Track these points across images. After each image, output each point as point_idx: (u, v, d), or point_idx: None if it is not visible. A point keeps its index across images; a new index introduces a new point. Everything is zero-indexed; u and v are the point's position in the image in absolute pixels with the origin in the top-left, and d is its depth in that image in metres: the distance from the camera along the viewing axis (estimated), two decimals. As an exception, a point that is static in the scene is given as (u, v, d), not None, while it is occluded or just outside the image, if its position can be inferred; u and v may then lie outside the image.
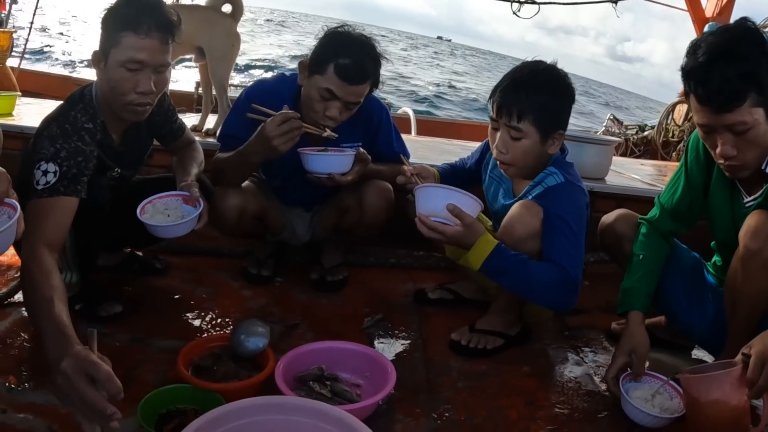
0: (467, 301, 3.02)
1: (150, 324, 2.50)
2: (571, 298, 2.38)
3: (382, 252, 3.55)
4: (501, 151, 2.43)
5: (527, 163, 2.45)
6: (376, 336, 2.63)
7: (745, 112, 1.95)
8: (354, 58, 2.55)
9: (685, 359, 2.76)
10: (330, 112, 2.61)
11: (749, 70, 1.93)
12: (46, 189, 2.08)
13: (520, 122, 2.36)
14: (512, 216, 2.40)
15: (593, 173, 3.93)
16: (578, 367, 2.58)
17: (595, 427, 2.16)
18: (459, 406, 2.18)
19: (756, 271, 2.12)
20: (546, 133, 2.40)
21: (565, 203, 2.39)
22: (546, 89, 2.38)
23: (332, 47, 2.60)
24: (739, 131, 2.00)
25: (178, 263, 3.13)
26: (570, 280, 2.32)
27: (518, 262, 2.30)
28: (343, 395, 2.03)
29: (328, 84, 2.56)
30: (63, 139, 2.17)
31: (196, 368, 2.08)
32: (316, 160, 2.59)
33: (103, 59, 2.23)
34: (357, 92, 2.62)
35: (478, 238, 2.27)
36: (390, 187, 2.84)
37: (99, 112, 2.33)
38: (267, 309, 2.77)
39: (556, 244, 2.34)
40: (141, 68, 2.19)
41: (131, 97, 2.23)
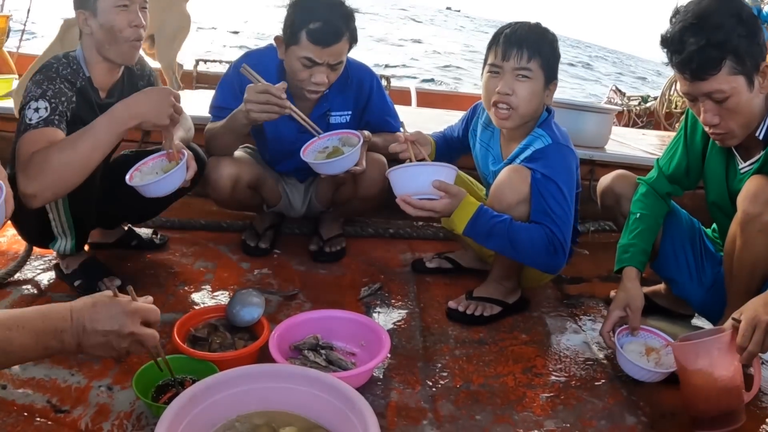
0: (465, 269, 3.02)
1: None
2: (558, 259, 2.38)
3: (381, 222, 3.55)
4: (507, 93, 2.41)
5: (529, 109, 2.45)
6: (374, 305, 2.64)
7: (722, 80, 1.99)
8: (323, 20, 2.53)
9: (685, 327, 2.73)
10: (316, 78, 2.60)
11: (721, 39, 1.96)
12: (41, 121, 2.16)
13: (530, 62, 2.38)
14: (501, 181, 2.40)
15: (593, 142, 3.92)
16: (576, 335, 2.58)
17: (592, 394, 2.16)
18: (455, 374, 2.18)
19: (755, 235, 2.12)
20: (549, 79, 2.45)
21: (552, 164, 2.38)
22: (546, 38, 2.45)
23: (299, 15, 2.57)
24: (718, 99, 2.03)
25: (178, 238, 3.13)
26: (555, 240, 2.32)
27: (501, 223, 2.31)
28: (338, 364, 2.04)
29: (305, 52, 2.56)
30: (48, 82, 2.26)
31: (192, 339, 2.10)
32: (332, 166, 2.56)
33: (89, 14, 2.35)
34: (335, 52, 2.60)
35: (461, 201, 2.29)
36: (384, 159, 2.83)
37: (85, 68, 2.42)
38: (265, 280, 2.77)
39: (541, 204, 2.34)
40: (130, 4, 2.35)
41: (127, 33, 2.36)
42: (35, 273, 2.65)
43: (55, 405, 1.83)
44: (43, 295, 2.48)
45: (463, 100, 7.45)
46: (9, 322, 1.46)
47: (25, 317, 1.50)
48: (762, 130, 2.12)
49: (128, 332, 1.55)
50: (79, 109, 2.34)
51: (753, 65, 2.02)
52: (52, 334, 1.49)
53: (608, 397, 2.15)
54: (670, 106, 7.42)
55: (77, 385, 1.92)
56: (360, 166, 2.62)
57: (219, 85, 2.90)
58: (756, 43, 2.02)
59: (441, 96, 7.79)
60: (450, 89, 10.70)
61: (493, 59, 2.45)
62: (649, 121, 7.74)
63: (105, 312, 1.54)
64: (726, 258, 2.30)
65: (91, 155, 2.11)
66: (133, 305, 1.59)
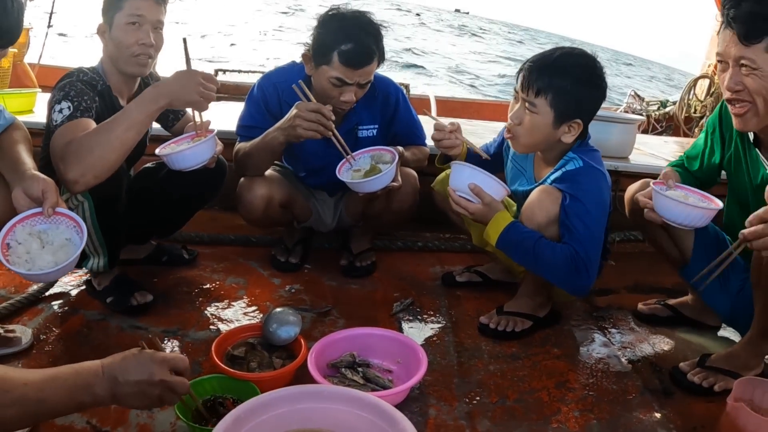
0: (495, 283, 3.04)
1: (182, 315, 2.55)
2: (582, 281, 2.37)
3: (410, 235, 3.57)
4: (513, 121, 2.44)
5: (533, 140, 2.45)
6: (406, 320, 2.66)
7: (758, 52, 2.05)
8: (355, 42, 2.56)
9: (712, 338, 2.77)
10: (345, 97, 2.64)
11: None
12: (66, 118, 2.24)
13: (536, 98, 2.36)
14: (532, 201, 2.41)
15: (617, 152, 3.92)
16: (606, 348, 2.59)
17: (624, 408, 2.18)
18: (491, 389, 2.21)
19: None
20: (561, 117, 2.38)
21: (582, 185, 2.37)
22: (572, 75, 2.35)
23: (331, 35, 2.59)
24: (747, 68, 2.08)
25: (207, 253, 3.16)
26: (580, 261, 2.32)
27: (529, 239, 2.34)
28: (376, 381, 2.07)
29: (337, 73, 2.58)
30: (69, 86, 2.35)
31: (230, 358, 2.13)
32: (371, 184, 2.57)
33: (107, 28, 2.48)
34: (366, 72, 2.63)
35: (496, 215, 2.36)
36: (415, 173, 2.86)
37: (105, 77, 2.52)
38: (297, 296, 2.80)
39: (568, 225, 2.34)
40: (141, 23, 2.45)
41: (134, 49, 2.46)
42: (66, 289, 2.68)
43: (96, 426, 1.86)
44: (75, 313, 2.51)
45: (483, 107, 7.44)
46: (42, 383, 1.48)
47: (58, 376, 1.51)
48: None
49: (158, 380, 1.57)
50: (102, 110, 2.40)
51: None
52: (84, 390, 1.51)
53: (640, 412, 2.17)
54: (689, 110, 7.38)
55: (116, 406, 1.92)
56: (396, 182, 2.64)
57: (246, 104, 2.92)
58: None
59: (461, 103, 7.77)
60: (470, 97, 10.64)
61: (516, 84, 2.48)
62: (669, 126, 7.70)
63: (134, 362, 1.57)
64: (754, 272, 2.29)
65: (126, 135, 2.15)
66: (161, 355, 1.61)
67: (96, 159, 2.09)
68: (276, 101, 2.79)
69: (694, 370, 2.36)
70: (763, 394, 2.08)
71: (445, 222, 2.92)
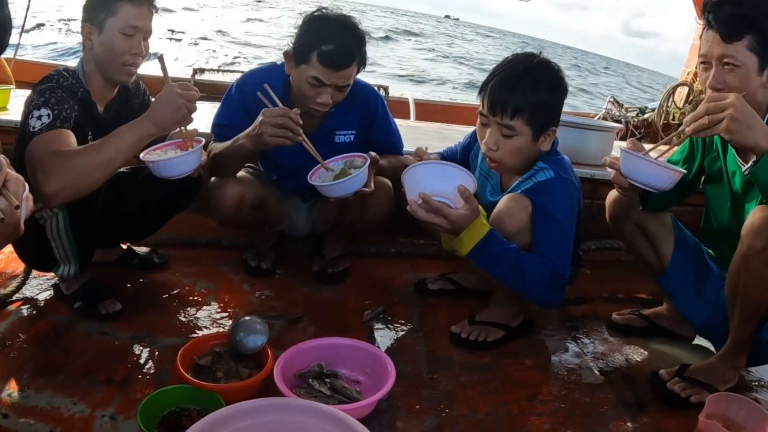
0: (468, 291, 3.01)
1: (151, 321, 2.50)
2: (559, 295, 2.37)
3: (384, 241, 3.54)
4: (491, 148, 2.39)
5: (517, 161, 2.42)
6: (378, 328, 2.63)
7: (739, 49, 2.13)
8: (337, 43, 2.53)
9: (687, 349, 2.77)
10: (321, 99, 2.60)
11: (753, 14, 2.12)
12: (44, 127, 2.18)
13: (513, 120, 2.32)
14: (500, 211, 2.38)
15: (595, 160, 3.89)
16: (579, 359, 2.58)
17: (596, 421, 2.16)
18: (461, 401, 2.18)
19: (761, 269, 2.11)
20: (539, 131, 2.37)
21: (555, 198, 2.36)
22: (541, 87, 2.34)
23: (313, 34, 2.57)
24: (729, 66, 2.16)
25: (179, 256, 3.12)
26: (559, 276, 2.31)
27: (509, 251, 2.28)
28: (343, 392, 2.03)
29: (315, 72, 2.55)
30: (50, 92, 2.28)
31: (196, 368, 2.09)
32: (340, 187, 2.51)
33: (95, 30, 2.40)
34: (345, 75, 2.60)
35: (473, 221, 2.23)
36: (390, 183, 2.83)
37: (84, 82, 2.46)
38: (268, 303, 2.76)
39: (545, 239, 2.32)
40: (135, 33, 2.41)
41: (126, 58, 2.42)
42: (34, 293, 2.63)
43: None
44: (43, 317, 2.47)
45: (463, 111, 7.41)
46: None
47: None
48: None
49: None
50: (81, 118, 2.35)
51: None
52: None
53: (613, 425, 2.15)
54: (668, 117, 7.41)
55: (80, 415, 1.90)
56: (369, 187, 2.60)
57: (222, 103, 2.89)
58: None
59: (441, 107, 7.75)
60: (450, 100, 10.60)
61: (482, 108, 2.43)
62: (647, 133, 7.72)
63: None
64: (729, 288, 2.30)
65: (113, 158, 2.14)
66: None
67: (79, 177, 2.07)
68: (255, 102, 2.76)
69: (673, 379, 2.36)
70: (737, 409, 2.08)
71: (419, 228, 2.89)
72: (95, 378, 2.09)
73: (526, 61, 2.40)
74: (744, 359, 2.39)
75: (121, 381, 2.08)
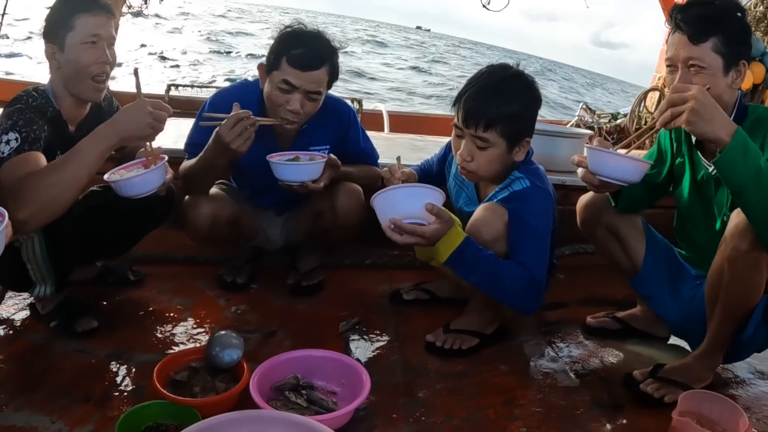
0: (443, 300, 3.03)
1: (128, 338, 2.49)
2: (536, 301, 2.40)
3: (358, 253, 3.54)
4: (466, 160, 2.41)
5: (492, 171, 2.44)
6: (353, 340, 2.64)
7: (705, 51, 2.20)
8: (306, 46, 2.57)
9: (662, 349, 2.81)
10: (291, 105, 2.60)
11: (720, 17, 2.21)
12: (13, 151, 2.17)
13: (486, 132, 2.33)
14: (477, 219, 2.40)
15: (566, 166, 3.91)
16: (554, 363, 2.60)
17: (573, 424, 2.18)
18: (437, 409, 2.19)
19: (746, 271, 2.15)
20: (513, 142, 2.39)
21: (531, 207, 2.38)
22: (515, 98, 2.36)
23: (284, 42, 2.61)
24: (695, 68, 2.22)
25: (155, 273, 3.11)
26: (536, 284, 2.34)
27: (486, 258, 2.29)
28: (319, 404, 2.04)
29: (284, 75, 2.57)
30: (17, 114, 2.28)
31: (172, 383, 2.09)
32: (287, 169, 2.57)
33: (58, 50, 2.40)
34: (314, 79, 2.60)
35: (449, 230, 2.23)
36: (360, 189, 2.84)
37: (54, 102, 2.45)
38: (244, 317, 2.76)
39: (522, 247, 2.34)
40: (97, 41, 2.40)
41: (93, 69, 2.40)
42: (11, 313, 2.61)
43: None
44: (20, 337, 2.45)
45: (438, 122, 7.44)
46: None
47: None
48: None
49: None
50: (51, 138, 2.35)
51: (734, 56, 2.23)
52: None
53: (589, 427, 2.17)
54: (640, 122, 7.48)
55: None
56: (318, 183, 2.61)
57: (196, 121, 2.85)
58: (744, 40, 2.27)
59: (414, 118, 7.78)
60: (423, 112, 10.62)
61: (456, 120, 2.43)
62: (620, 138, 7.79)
63: None
64: (710, 288, 2.33)
65: (79, 174, 2.12)
66: None
67: (49, 199, 2.06)
68: None
69: (647, 380, 2.38)
70: (710, 406, 2.11)
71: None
72: (73, 396, 2.08)
73: (501, 72, 2.41)
74: (720, 359, 2.43)
75: (99, 398, 2.08)
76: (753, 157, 1.93)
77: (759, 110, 2.32)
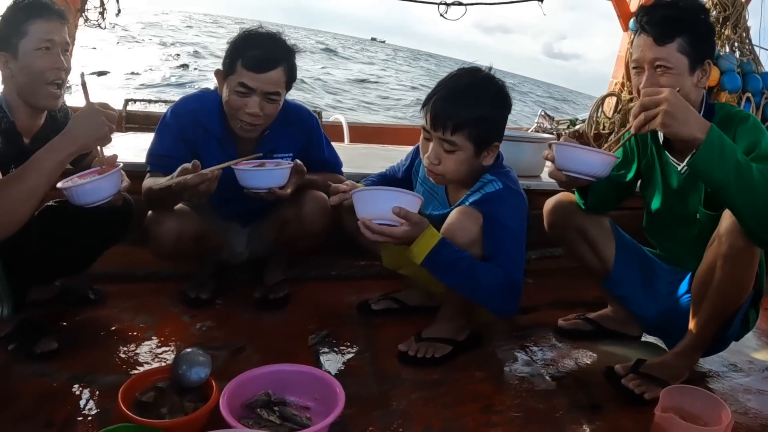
0: (413, 308, 2.98)
1: (90, 359, 2.40)
2: (515, 303, 2.37)
3: (324, 264, 3.49)
4: (433, 163, 2.38)
5: (459, 174, 2.42)
6: (324, 353, 2.58)
7: (671, 52, 2.26)
8: (260, 48, 2.55)
9: (635, 347, 2.82)
10: (250, 109, 2.57)
11: (685, 18, 2.28)
12: None
13: (454, 135, 2.31)
14: (452, 223, 2.36)
15: (529, 171, 3.94)
16: (529, 367, 2.58)
17: (553, 427, 2.17)
18: (414, 419, 2.14)
19: (740, 268, 2.17)
20: (481, 146, 2.36)
21: (505, 208, 2.36)
22: (484, 101, 2.34)
23: (239, 45, 2.59)
24: (661, 68, 2.27)
25: (116, 291, 3.01)
26: (514, 285, 2.32)
27: (463, 259, 2.26)
28: (293, 420, 1.97)
29: (240, 78, 2.54)
30: None
31: (139, 405, 2.01)
32: (254, 176, 2.51)
33: (10, 57, 2.36)
34: (271, 80, 2.57)
35: (423, 231, 2.22)
36: (325, 196, 2.78)
37: (8, 113, 2.40)
38: (210, 334, 2.68)
39: (499, 248, 2.32)
40: (52, 47, 2.36)
41: (48, 75, 2.36)
42: (-34, 338, 2.51)
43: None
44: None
45: (398, 132, 7.42)
46: None
47: None
48: None
49: None
50: (5, 151, 2.30)
51: (699, 56, 2.29)
52: None
53: (569, 429, 2.16)
54: (598, 127, 7.54)
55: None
56: (284, 189, 2.56)
57: (157, 131, 2.80)
58: (708, 39, 2.35)
59: (374, 128, 7.75)
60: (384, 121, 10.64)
61: (424, 123, 2.41)
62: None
63: None
64: (698, 286, 2.34)
65: (36, 186, 2.05)
66: None
67: (5, 213, 2.00)
68: (192, 128, 2.71)
69: (628, 375, 2.39)
70: (692, 400, 2.12)
71: (359, 249, 2.86)
72: (35, 422, 1.99)
73: (470, 76, 2.40)
74: (699, 355, 2.46)
75: (62, 424, 1.99)
76: (730, 153, 1.94)
77: (725, 108, 2.36)
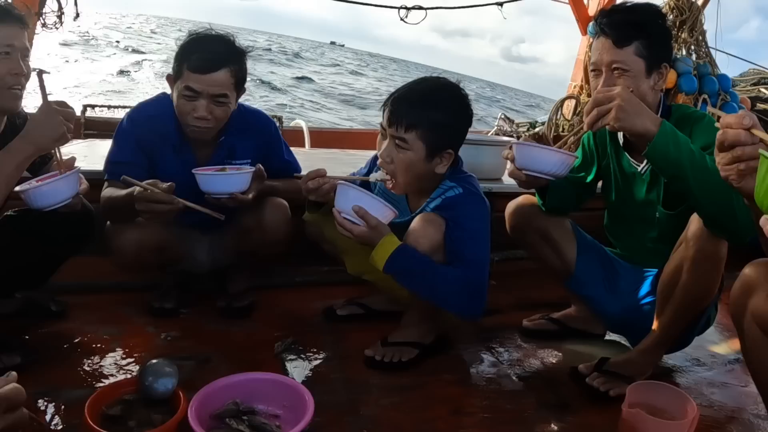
0: (378, 313, 2.99)
1: (54, 373, 2.36)
2: (480, 306, 2.38)
3: (288, 271, 3.48)
4: (385, 160, 2.40)
5: (410, 178, 2.42)
6: (290, 360, 2.57)
7: (628, 54, 2.31)
8: (204, 50, 2.54)
9: (599, 345, 2.86)
10: (197, 112, 2.56)
11: (642, 21, 2.33)
12: None
13: (407, 133, 2.33)
14: (415, 230, 2.37)
15: (490, 174, 3.96)
16: (496, 368, 2.60)
17: (523, 427, 2.19)
18: (385, 425, 2.15)
19: (708, 272, 2.21)
20: (433, 150, 2.37)
21: (467, 211, 2.39)
22: (442, 107, 2.36)
23: (184, 49, 2.58)
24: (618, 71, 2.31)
25: (79, 303, 2.96)
26: (478, 287, 2.33)
27: (422, 263, 2.28)
28: (262, 428, 1.96)
29: (186, 82, 2.53)
30: None
31: (106, 419, 1.98)
32: (215, 181, 2.49)
33: None
34: (216, 81, 2.55)
35: (382, 238, 2.25)
36: (286, 203, 2.79)
37: None
38: (176, 344, 2.66)
39: (462, 251, 2.33)
40: (11, 52, 2.31)
41: (7, 80, 2.31)
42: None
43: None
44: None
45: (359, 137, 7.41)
46: None
47: None
48: None
49: None
50: None
51: (656, 59, 2.34)
52: None
53: (539, 428, 2.19)
54: (558, 129, 7.62)
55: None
56: (246, 194, 2.55)
57: (114, 138, 2.77)
58: (665, 43, 2.42)
59: (335, 133, 7.73)
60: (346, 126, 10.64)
61: (382, 120, 2.44)
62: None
63: None
64: (664, 287, 2.37)
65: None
66: None
67: None
68: (149, 134, 2.69)
69: (593, 374, 2.42)
70: (657, 395, 2.13)
71: (322, 255, 2.86)
72: (-2, 440, 1.96)
73: (434, 81, 2.45)
74: (663, 352, 2.50)
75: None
76: (684, 143, 1.99)
77: (682, 109, 2.42)
